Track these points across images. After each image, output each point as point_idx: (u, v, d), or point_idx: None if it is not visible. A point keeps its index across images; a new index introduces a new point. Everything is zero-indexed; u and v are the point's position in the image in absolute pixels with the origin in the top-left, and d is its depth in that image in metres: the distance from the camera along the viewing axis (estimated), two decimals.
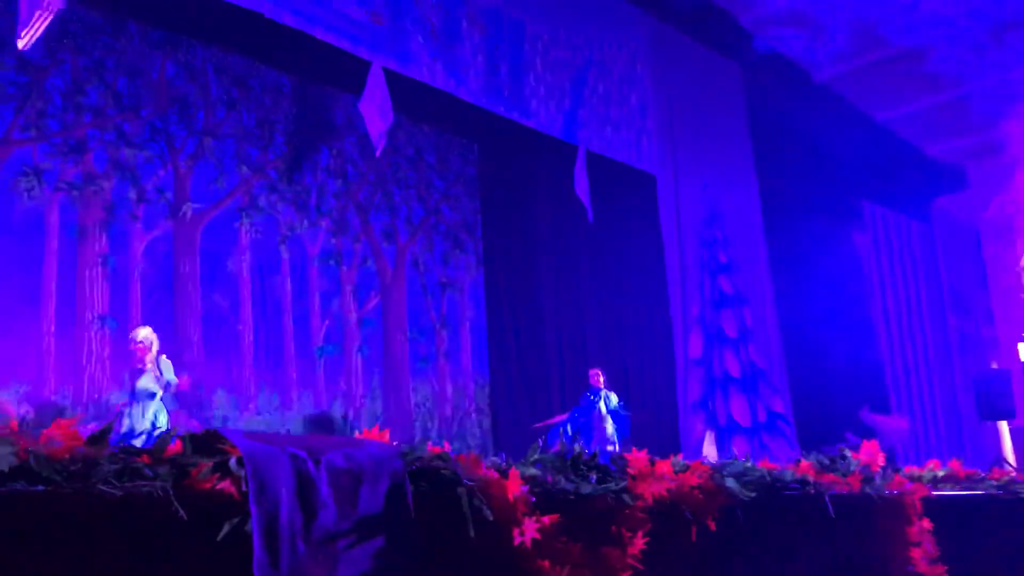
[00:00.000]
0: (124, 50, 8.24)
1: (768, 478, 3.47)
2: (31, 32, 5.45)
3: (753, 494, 3.24)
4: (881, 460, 4.06)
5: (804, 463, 3.79)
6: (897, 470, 4.26)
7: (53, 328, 7.34)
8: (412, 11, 8.28)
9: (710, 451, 10.51)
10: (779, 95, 11.95)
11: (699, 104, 11.41)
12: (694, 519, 2.99)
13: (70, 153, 7.79)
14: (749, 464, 3.49)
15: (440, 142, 10.73)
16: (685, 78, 11.22)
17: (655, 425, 10.31)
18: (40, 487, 1.84)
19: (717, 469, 3.30)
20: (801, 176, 12.55)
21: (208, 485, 2.07)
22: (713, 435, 11.00)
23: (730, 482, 3.21)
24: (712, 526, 3.01)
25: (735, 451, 10.58)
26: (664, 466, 3.05)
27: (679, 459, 3.27)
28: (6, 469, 1.82)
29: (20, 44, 5.43)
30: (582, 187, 9.42)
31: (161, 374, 6.62)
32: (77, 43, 7.93)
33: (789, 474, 3.62)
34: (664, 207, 11.08)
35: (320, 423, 8.21)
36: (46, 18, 5.42)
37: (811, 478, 3.68)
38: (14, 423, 1.99)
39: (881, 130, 13.27)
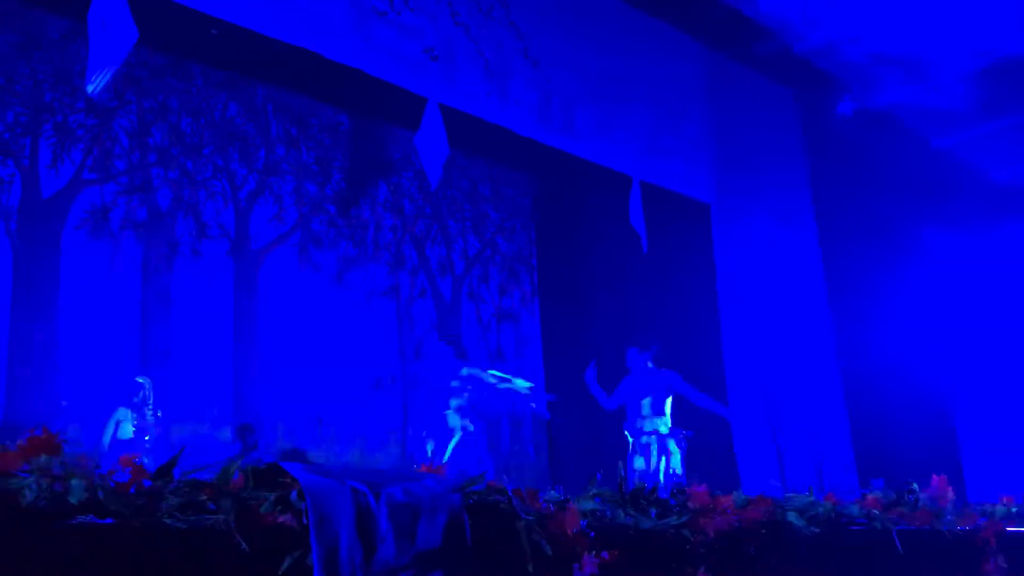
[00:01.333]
0: (188, 91, 8.49)
1: (832, 513, 3.39)
2: (100, 77, 5.63)
3: (817, 529, 3.17)
4: (951, 494, 3.95)
5: (870, 497, 3.70)
6: (967, 505, 4.14)
7: (118, 363, 7.51)
8: (466, 48, 8.38)
9: (773, 484, 10.31)
10: (835, 122, 11.82)
11: (754, 132, 11.32)
12: (757, 555, 2.94)
13: (136, 192, 8.03)
14: (813, 498, 3.42)
15: (495, 175, 10.82)
16: (739, 106, 11.16)
17: (713, 457, 10.14)
18: (109, 520, 1.88)
19: (779, 504, 3.24)
20: (860, 203, 12.36)
21: (270, 518, 2.09)
22: (777, 467, 10.79)
23: (793, 517, 3.15)
24: (775, 562, 2.95)
25: (797, 485, 10.36)
26: (726, 501, 3.00)
27: (741, 493, 3.21)
28: (76, 502, 1.87)
29: (89, 88, 5.61)
30: (636, 217, 9.38)
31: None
32: (143, 85, 8.19)
33: (855, 509, 3.53)
34: (719, 236, 10.99)
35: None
36: (113, 63, 5.60)
37: (878, 513, 3.59)
38: (84, 456, 2.04)
39: (942, 154, 13.02)
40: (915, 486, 3.97)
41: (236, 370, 8.18)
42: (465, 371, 7.06)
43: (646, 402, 7.39)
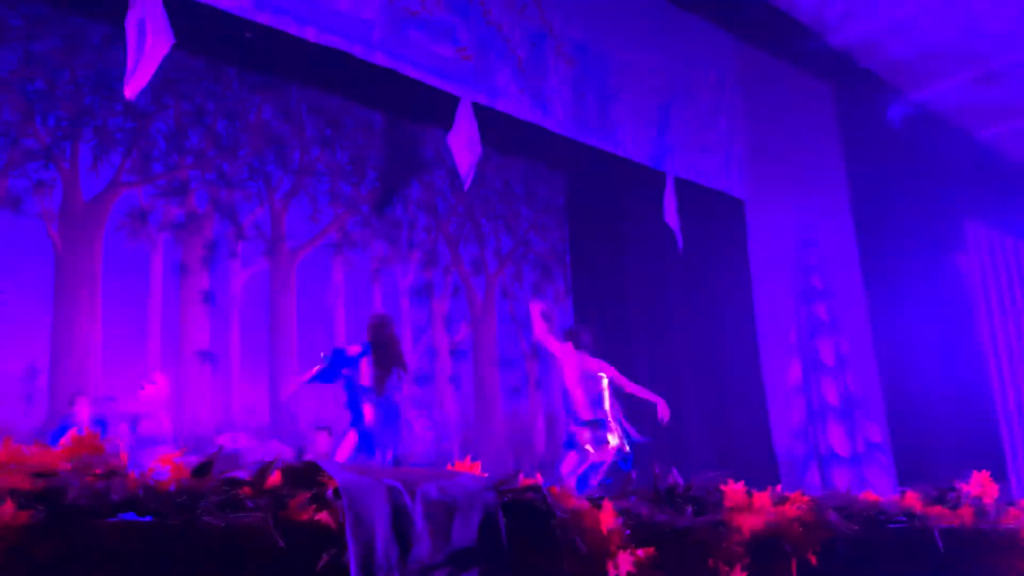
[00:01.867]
0: (224, 94, 8.59)
1: (872, 511, 3.35)
2: (137, 80, 5.71)
3: (856, 527, 3.13)
4: (994, 492, 3.88)
5: (910, 495, 3.65)
6: (1012, 503, 4.06)
7: (158, 362, 7.62)
8: (499, 46, 8.39)
9: (813, 482, 10.21)
10: (873, 115, 11.66)
11: (790, 127, 11.21)
12: (794, 553, 2.91)
13: (173, 194, 8.14)
14: (852, 496, 3.38)
15: (528, 173, 10.82)
16: (775, 101, 11.05)
17: (752, 453, 10.06)
18: (149, 517, 1.90)
19: (817, 501, 3.21)
20: (898, 197, 12.18)
21: (306, 516, 2.11)
22: (816, 465, 10.68)
23: (831, 514, 3.12)
24: (813, 560, 2.92)
25: (835, 482, 10.25)
26: (762, 498, 2.98)
27: (778, 491, 3.18)
28: (118, 500, 1.89)
29: (127, 92, 5.70)
30: (671, 214, 9.33)
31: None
32: (180, 89, 8.29)
33: (894, 506, 3.49)
34: (754, 232, 10.90)
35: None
36: (151, 66, 5.68)
37: (918, 511, 3.54)
38: (124, 455, 2.07)
39: (984, 147, 12.79)
40: (957, 483, 3.91)
41: (272, 368, 8.26)
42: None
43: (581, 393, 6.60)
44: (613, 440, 6.36)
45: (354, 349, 6.09)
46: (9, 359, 6.86)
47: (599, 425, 6.40)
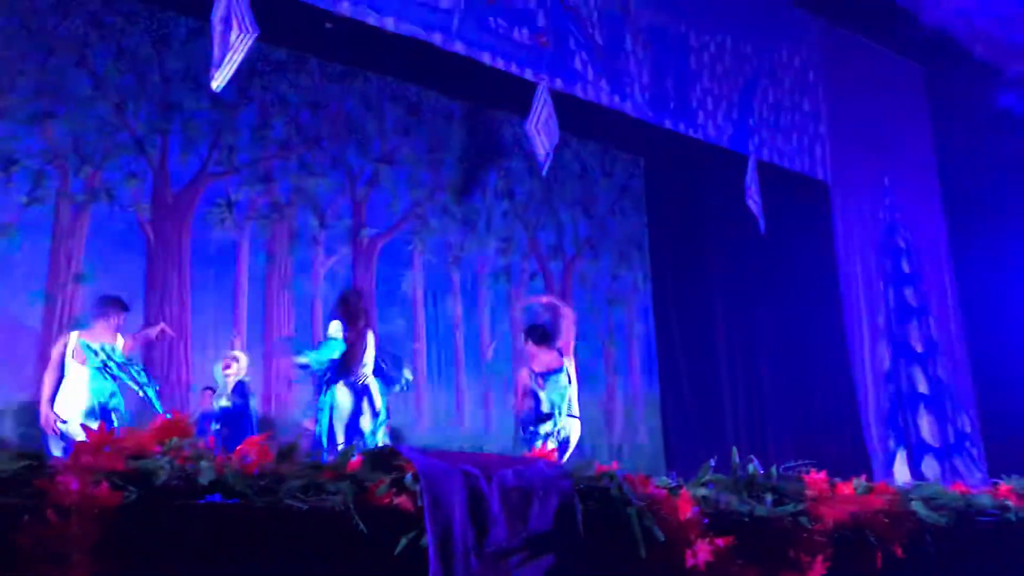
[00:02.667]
0: (306, 85, 8.76)
1: (962, 503, 3.25)
2: (223, 72, 5.86)
3: (945, 520, 3.05)
4: None
5: (1003, 487, 3.53)
6: None
7: (244, 349, 7.83)
8: (576, 31, 8.35)
9: (902, 471, 9.93)
10: (963, 95, 11.23)
11: (877, 107, 10.89)
12: (879, 545, 2.84)
13: (258, 184, 8.34)
14: (940, 487, 3.29)
15: (606, 158, 10.75)
16: (862, 81, 10.74)
17: (838, 442, 9.85)
18: (235, 500, 1.97)
19: (905, 492, 3.13)
20: (990, 179, 11.71)
21: (386, 500, 2.15)
22: (905, 455, 10.39)
23: (919, 506, 3.04)
24: (899, 552, 2.85)
25: (925, 472, 9.96)
26: (846, 488, 2.92)
27: (862, 480, 3.12)
28: (206, 483, 1.96)
29: (214, 84, 5.86)
30: (753, 197, 9.17)
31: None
32: (264, 80, 8.49)
33: (987, 499, 3.38)
34: (840, 216, 10.63)
35: None
36: (237, 58, 5.82)
37: (1012, 503, 3.42)
38: (212, 439, 2.14)
39: None
40: None
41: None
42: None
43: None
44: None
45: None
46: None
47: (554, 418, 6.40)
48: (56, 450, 5.25)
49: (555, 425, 6.37)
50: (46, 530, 1.68)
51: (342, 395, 5.74)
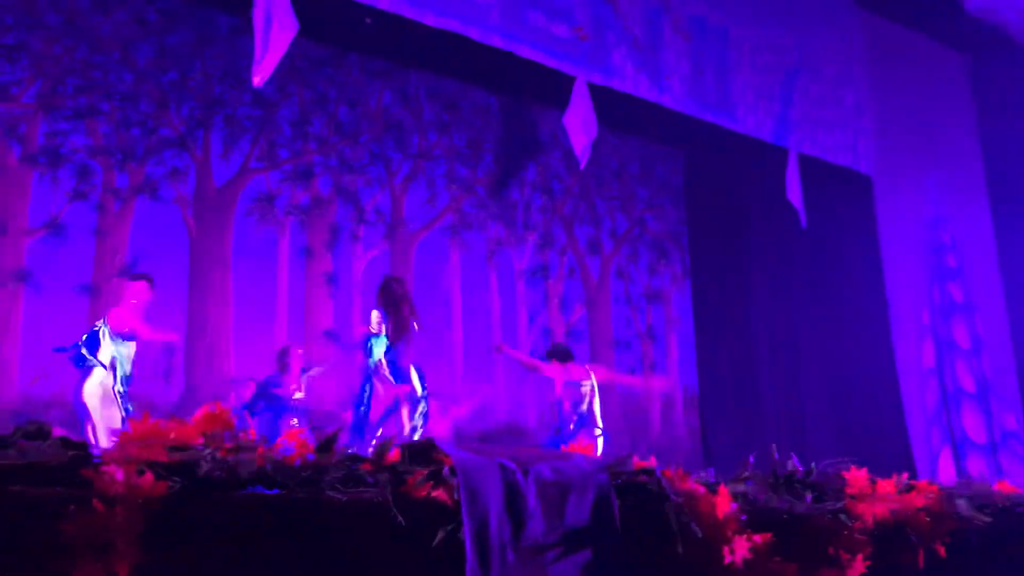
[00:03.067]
0: (345, 81, 8.82)
1: (1007, 501, 3.19)
2: (263, 70, 5.92)
3: (989, 518, 3.00)
4: None
5: None
6: None
7: (285, 341, 7.91)
8: (615, 24, 8.31)
9: (947, 469, 9.77)
10: (1010, 85, 10.99)
11: (921, 99, 10.70)
12: (921, 543, 2.81)
13: (298, 179, 8.42)
14: (986, 485, 3.23)
15: (644, 152, 10.69)
16: (906, 73, 10.57)
17: (881, 439, 9.72)
18: (275, 491, 1.99)
19: (948, 490, 3.08)
20: None
21: (423, 492, 2.16)
22: (950, 452, 10.22)
23: (962, 504, 2.99)
24: (942, 552, 2.81)
25: (970, 470, 9.79)
26: (887, 486, 2.88)
27: (903, 478, 3.07)
28: (247, 474, 1.99)
29: (255, 81, 5.92)
30: (794, 192, 9.06)
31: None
32: (303, 77, 8.56)
33: None
34: (883, 210, 10.47)
35: None
36: (277, 55, 5.87)
37: None
38: (253, 431, 2.17)
39: None
40: None
41: None
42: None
43: None
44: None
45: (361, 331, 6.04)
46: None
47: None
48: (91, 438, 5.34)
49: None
50: (92, 519, 1.71)
51: (381, 385, 5.78)
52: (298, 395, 7.16)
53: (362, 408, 5.81)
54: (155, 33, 7.92)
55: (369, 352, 6.56)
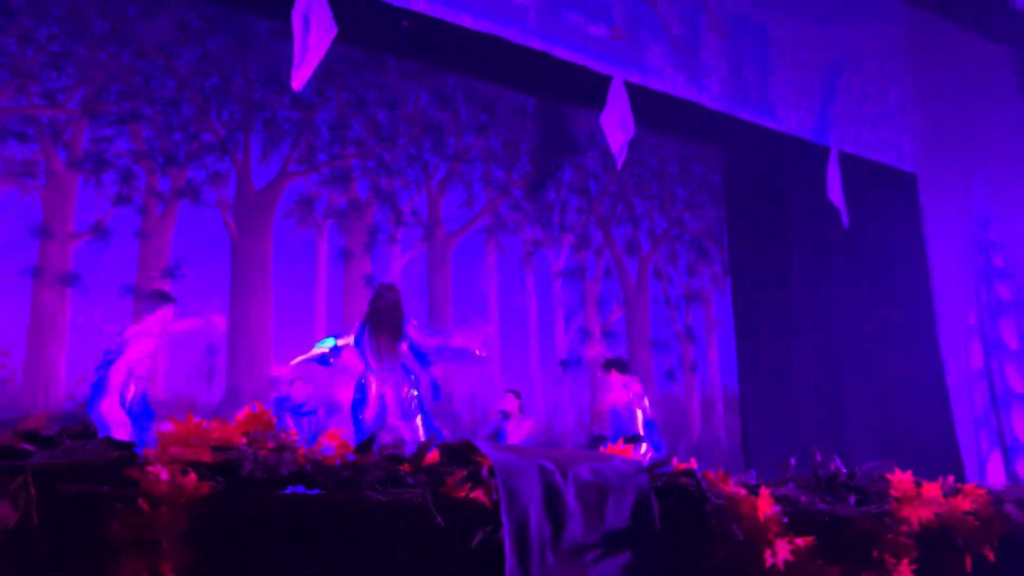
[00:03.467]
0: (383, 84, 8.87)
1: None
2: (304, 73, 5.97)
3: None
4: None
5: None
6: None
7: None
8: (653, 23, 8.27)
9: (997, 473, 9.59)
10: None
11: (967, 96, 10.52)
12: (968, 547, 2.75)
13: (337, 182, 8.49)
14: None
15: (683, 152, 10.62)
16: (951, 69, 10.39)
17: (928, 442, 9.56)
18: (316, 491, 2.00)
19: (997, 494, 3.02)
20: None
21: (462, 493, 2.16)
22: (1000, 456, 10.03)
23: (1011, 508, 2.93)
24: (990, 556, 2.75)
25: (1021, 473, 9.61)
26: (932, 489, 2.83)
27: (949, 481, 3.02)
28: (288, 474, 2.00)
29: (294, 84, 5.97)
30: (836, 190, 8.95)
31: None
32: (342, 80, 8.62)
33: None
34: (928, 208, 10.30)
35: None
36: (316, 59, 5.92)
37: None
38: (294, 432, 2.19)
39: None
40: None
41: None
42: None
43: None
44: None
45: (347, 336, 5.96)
46: (191, 339, 7.35)
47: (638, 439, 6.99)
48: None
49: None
50: (138, 518, 1.74)
51: (373, 389, 5.72)
52: None
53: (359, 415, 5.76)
54: (196, 39, 8.03)
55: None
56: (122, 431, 5.58)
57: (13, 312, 6.92)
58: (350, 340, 5.85)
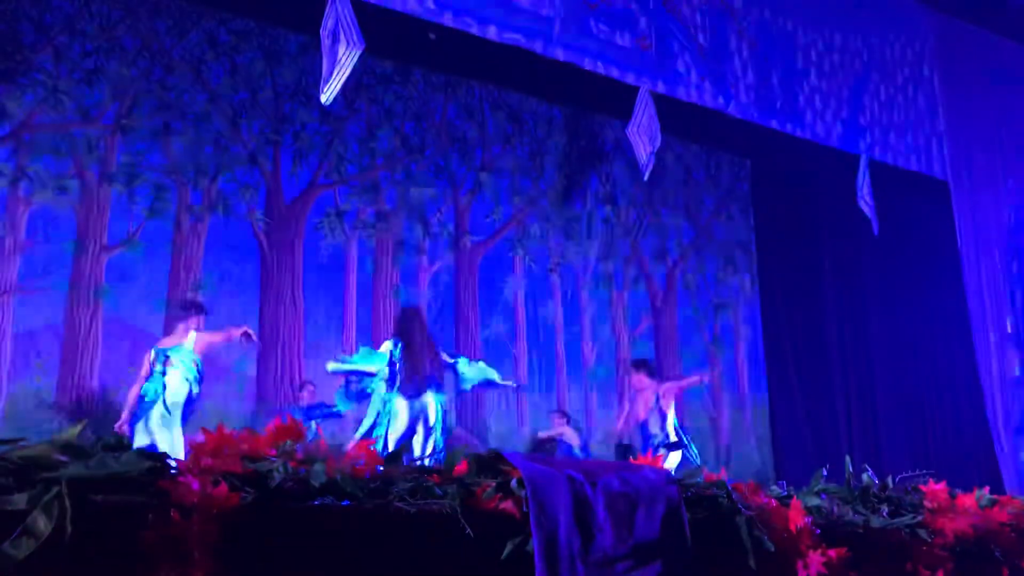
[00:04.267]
0: (410, 96, 8.93)
1: None
2: (332, 86, 6.02)
3: None
4: None
5: None
6: None
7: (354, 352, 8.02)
8: (679, 33, 8.25)
9: None
10: None
11: (997, 101, 10.39)
12: (1005, 560, 2.71)
13: (365, 194, 8.55)
14: None
15: (710, 160, 10.59)
16: (980, 74, 10.27)
17: (964, 453, 9.42)
18: (346, 502, 2.01)
19: None
20: None
21: (492, 504, 2.16)
22: None
23: None
24: None
25: None
26: (968, 500, 2.79)
27: (985, 492, 2.98)
28: (318, 485, 2.01)
29: (323, 98, 6.03)
30: (865, 198, 8.87)
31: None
32: (370, 93, 8.70)
33: None
34: (961, 215, 10.17)
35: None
36: (344, 72, 5.97)
37: None
38: (323, 442, 2.20)
39: None
40: None
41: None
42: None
43: None
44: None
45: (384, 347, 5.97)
46: (222, 349, 7.42)
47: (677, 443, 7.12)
48: None
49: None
50: (169, 528, 1.75)
51: (400, 409, 5.76)
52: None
53: (382, 428, 5.76)
54: (226, 53, 8.13)
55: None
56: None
57: (48, 323, 7.03)
58: (384, 360, 5.91)
